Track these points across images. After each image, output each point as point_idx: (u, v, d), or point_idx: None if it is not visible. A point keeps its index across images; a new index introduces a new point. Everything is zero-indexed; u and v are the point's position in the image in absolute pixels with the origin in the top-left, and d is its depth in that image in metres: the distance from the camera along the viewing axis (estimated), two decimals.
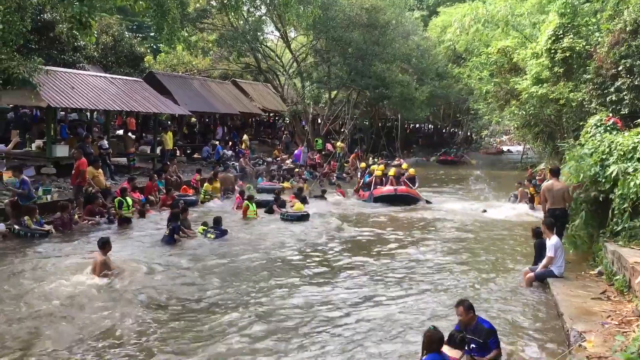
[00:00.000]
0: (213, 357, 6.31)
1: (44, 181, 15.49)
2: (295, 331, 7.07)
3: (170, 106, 21.86)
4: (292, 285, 9.12)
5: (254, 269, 9.98)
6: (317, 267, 10.30)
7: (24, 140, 19.05)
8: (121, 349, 6.41)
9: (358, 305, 8.13)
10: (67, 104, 17.26)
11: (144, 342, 6.61)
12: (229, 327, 7.12)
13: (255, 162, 24.72)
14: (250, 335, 6.93)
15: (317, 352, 6.48)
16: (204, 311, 7.70)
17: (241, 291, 8.68)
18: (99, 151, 17.21)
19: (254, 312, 7.72)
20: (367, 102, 35.07)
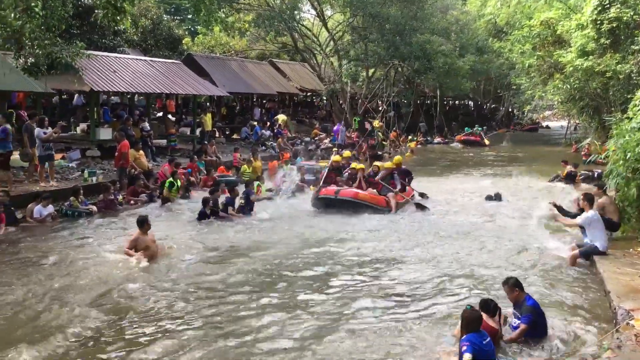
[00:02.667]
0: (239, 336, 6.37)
1: (89, 163, 15.93)
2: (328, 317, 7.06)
3: (208, 88, 22.06)
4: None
5: (286, 250, 10.03)
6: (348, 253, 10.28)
7: (69, 124, 19.58)
8: (151, 328, 6.57)
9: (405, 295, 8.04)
10: (109, 88, 17.60)
11: (174, 325, 6.72)
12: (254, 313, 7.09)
13: (293, 142, 24.77)
14: (268, 314, 6.98)
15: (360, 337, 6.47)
16: (236, 294, 7.73)
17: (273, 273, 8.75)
18: (140, 133, 17.52)
19: (276, 293, 7.75)
20: (405, 79, 34.62)
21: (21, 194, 12.15)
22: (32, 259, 9.02)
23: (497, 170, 22.07)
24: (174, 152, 19.14)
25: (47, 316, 6.76)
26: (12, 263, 8.83)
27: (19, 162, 14.80)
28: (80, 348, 5.98)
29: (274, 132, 25.31)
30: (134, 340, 6.16)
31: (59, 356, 5.82)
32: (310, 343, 6.10)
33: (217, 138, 23.15)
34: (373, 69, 32.99)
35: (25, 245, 9.90)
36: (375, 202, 12.96)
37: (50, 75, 15.49)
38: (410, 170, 14.96)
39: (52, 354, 5.83)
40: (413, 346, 6.08)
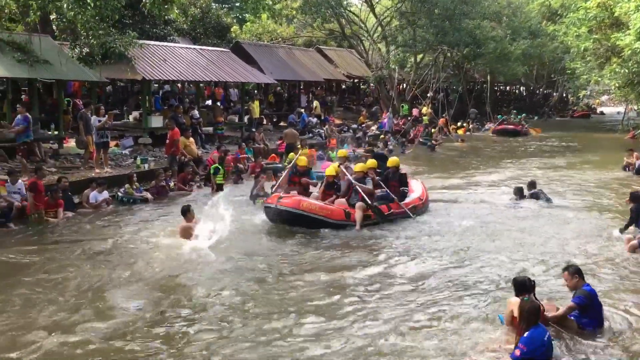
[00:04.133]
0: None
1: (141, 151, 16.35)
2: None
3: (256, 75, 22.23)
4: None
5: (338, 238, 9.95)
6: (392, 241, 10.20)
7: (122, 112, 20.13)
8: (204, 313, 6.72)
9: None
10: (159, 76, 17.98)
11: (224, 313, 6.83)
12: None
13: (340, 129, 24.74)
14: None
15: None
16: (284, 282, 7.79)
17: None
18: (190, 121, 17.84)
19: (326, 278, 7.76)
20: (455, 65, 33.99)
21: (78, 180, 12.58)
22: (89, 243, 9.33)
23: (547, 160, 20.91)
24: (222, 140, 19.42)
25: (103, 299, 7.01)
26: (70, 247, 9.16)
27: (75, 149, 15.36)
28: (133, 329, 6.18)
29: (320, 120, 25.32)
30: (181, 330, 6.23)
31: (119, 334, 6.04)
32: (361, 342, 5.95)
33: (265, 125, 23.34)
34: (421, 55, 32.52)
35: (81, 230, 10.27)
36: (327, 214, 9.88)
37: (104, 64, 15.96)
38: (405, 174, 12.02)
39: (112, 333, 6.06)
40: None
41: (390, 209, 10.65)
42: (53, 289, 7.30)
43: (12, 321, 6.29)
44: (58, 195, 10.84)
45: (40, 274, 7.85)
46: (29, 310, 6.62)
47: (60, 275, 7.82)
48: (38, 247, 9.21)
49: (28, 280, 7.59)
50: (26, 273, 7.93)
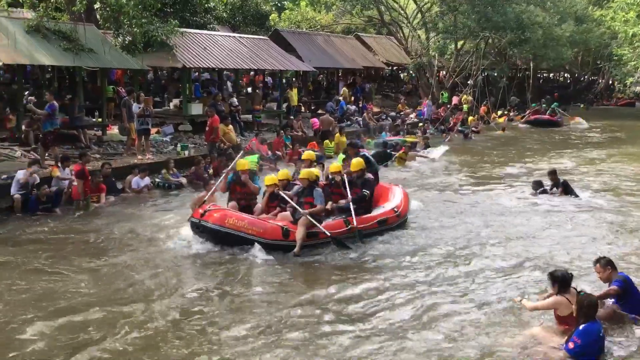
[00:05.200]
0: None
1: (181, 138, 16.60)
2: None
3: (295, 63, 22.25)
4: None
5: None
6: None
7: (163, 100, 20.47)
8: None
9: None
10: (200, 64, 18.17)
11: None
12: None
13: (378, 117, 24.60)
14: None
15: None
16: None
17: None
18: (229, 108, 18.01)
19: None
20: (497, 51, 33.28)
21: (121, 166, 12.87)
22: (130, 226, 9.58)
23: (587, 152, 20.08)
24: (260, 127, 19.55)
25: (145, 280, 7.22)
26: (113, 230, 9.43)
27: (117, 136, 15.70)
28: (173, 311, 6.33)
29: (359, 107, 25.22)
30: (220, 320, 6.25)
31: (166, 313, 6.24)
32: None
33: (303, 113, 23.38)
34: (462, 42, 31.94)
35: (124, 213, 10.54)
36: (258, 232, 8.18)
37: (146, 52, 16.21)
38: (371, 179, 9.67)
39: (156, 314, 6.24)
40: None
41: (348, 223, 8.69)
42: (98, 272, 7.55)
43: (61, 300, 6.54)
44: (99, 180, 11.12)
45: (86, 257, 8.13)
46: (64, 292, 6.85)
47: (108, 258, 8.10)
48: (84, 230, 9.49)
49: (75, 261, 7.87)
50: (74, 253, 8.25)
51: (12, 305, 6.41)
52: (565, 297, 5.54)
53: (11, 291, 6.80)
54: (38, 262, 7.85)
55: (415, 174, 15.14)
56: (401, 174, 14.92)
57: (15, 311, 6.23)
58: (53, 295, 6.72)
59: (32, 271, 7.51)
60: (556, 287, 5.60)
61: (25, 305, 6.38)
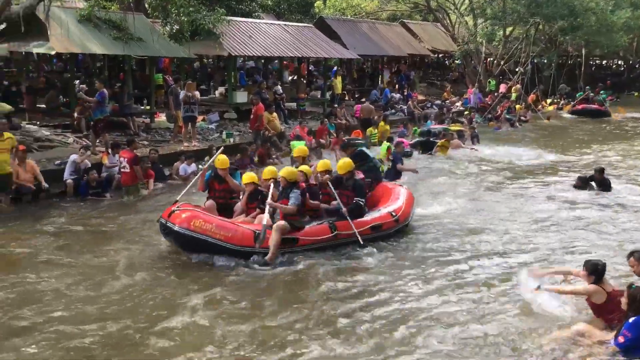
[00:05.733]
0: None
1: (226, 125, 16.80)
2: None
3: (339, 50, 22.14)
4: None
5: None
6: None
7: (209, 88, 20.73)
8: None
9: None
10: (245, 53, 18.30)
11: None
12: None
13: (423, 106, 24.28)
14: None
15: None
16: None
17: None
18: (274, 96, 18.10)
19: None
20: (547, 38, 32.31)
21: (168, 153, 13.13)
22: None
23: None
24: (304, 115, 19.60)
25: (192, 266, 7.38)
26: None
27: (165, 123, 16.00)
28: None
29: (404, 95, 24.95)
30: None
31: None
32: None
33: (347, 101, 23.30)
34: (511, 28, 31.11)
35: (170, 199, 10.69)
36: (226, 237, 7.29)
37: (193, 41, 16.42)
38: (362, 179, 8.85)
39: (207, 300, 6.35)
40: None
41: (334, 229, 7.82)
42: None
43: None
44: (148, 166, 11.36)
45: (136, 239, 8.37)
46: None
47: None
48: (134, 214, 9.75)
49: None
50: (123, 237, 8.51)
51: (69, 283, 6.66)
52: (600, 286, 5.61)
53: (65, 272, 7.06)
54: (84, 244, 8.16)
55: (453, 165, 14.64)
56: (438, 164, 14.60)
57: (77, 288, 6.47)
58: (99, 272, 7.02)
59: (84, 251, 7.81)
60: (593, 277, 5.63)
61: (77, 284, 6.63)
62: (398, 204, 8.74)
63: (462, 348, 5.50)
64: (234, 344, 5.45)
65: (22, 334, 5.47)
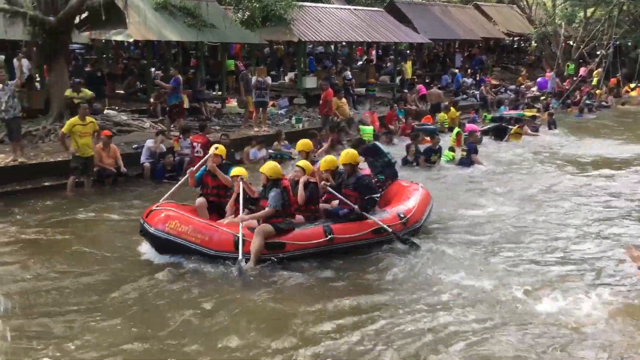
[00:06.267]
0: None
1: (295, 111, 16.91)
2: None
3: (410, 34, 21.77)
4: None
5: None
6: None
7: (278, 74, 20.91)
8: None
9: None
10: (314, 38, 18.30)
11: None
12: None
13: (497, 91, 23.53)
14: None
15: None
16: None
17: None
18: (343, 82, 18.03)
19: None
20: (632, 19, 30.47)
21: (238, 138, 13.36)
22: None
23: None
24: (374, 101, 19.43)
25: None
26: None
27: (235, 108, 16.30)
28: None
29: (476, 80, 24.27)
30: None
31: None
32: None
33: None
34: (592, 9, 29.56)
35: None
36: (202, 240, 6.60)
37: (264, 27, 16.59)
38: (368, 176, 7.89)
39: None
40: None
41: (329, 232, 6.86)
42: None
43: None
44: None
45: None
46: None
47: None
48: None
49: None
50: None
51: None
52: None
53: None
54: None
55: (523, 154, 13.95)
56: (507, 153, 14.05)
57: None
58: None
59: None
60: None
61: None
62: (409, 204, 7.82)
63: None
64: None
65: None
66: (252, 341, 5.14)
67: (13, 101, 10.15)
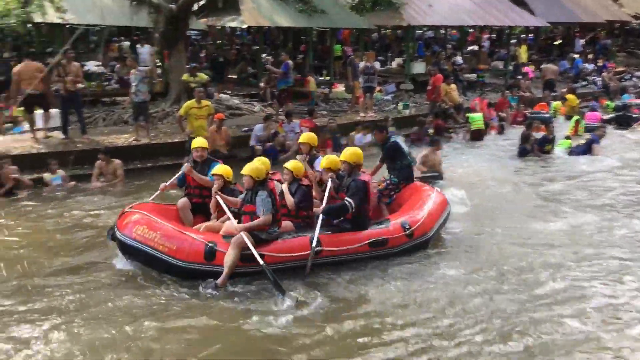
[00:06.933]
0: None
1: (402, 96, 16.71)
2: None
3: (526, 18, 20.72)
4: None
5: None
6: None
7: (386, 59, 20.73)
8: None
9: None
10: (424, 22, 17.95)
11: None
12: None
13: (621, 77, 21.86)
14: None
15: None
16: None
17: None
18: (452, 67, 17.58)
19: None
20: None
21: (345, 122, 13.43)
22: None
23: None
24: (483, 87, 18.78)
25: None
26: None
27: (342, 94, 16.39)
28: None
29: (597, 66, 22.69)
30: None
31: None
32: None
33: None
34: None
35: None
36: (170, 250, 5.74)
37: (373, 12, 16.51)
38: (360, 183, 6.36)
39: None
40: None
41: (318, 244, 5.89)
42: None
43: None
44: (327, 137, 11.71)
45: None
46: None
47: None
48: None
49: None
50: None
51: None
52: None
53: None
54: None
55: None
56: (626, 145, 12.97)
57: None
58: None
59: None
60: None
61: None
62: (418, 213, 6.78)
63: None
64: None
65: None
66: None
67: (143, 86, 10.85)
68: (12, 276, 5.97)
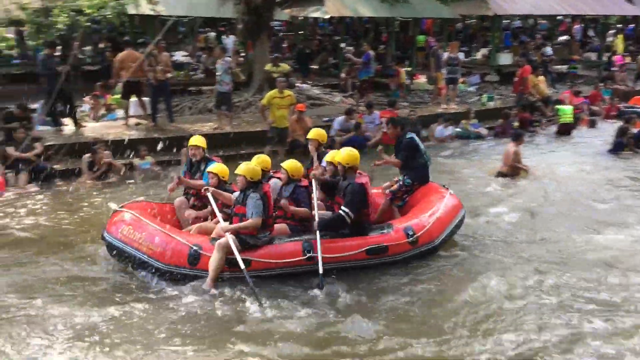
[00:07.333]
0: None
1: (487, 88, 16.23)
2: None
3: (622, 6, 19.55)
4: None
5: None
6: None
7: (470, 49, 20.18)
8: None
9: None
10: (512, 11, 17.33)
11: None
12: None
13: None
14: None
15: None
16: None
17: None
18: (541, 58, 16.90)
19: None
20: None
21: (425, 114, 13.21)
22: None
23: None
24: (574, 79, 17.90)
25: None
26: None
27: (423, 85, 16.11)
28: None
29: None
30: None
31: None
32: None
33: (628, 64, 20.54)
34: None
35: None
36: (152, 252, 5.54)
37: (459, 1, 16.12)
38: (363, 184, 5.85)
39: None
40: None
41: (310, 250, 5.53)
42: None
43: None
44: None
45: None
46: None
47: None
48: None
49: None
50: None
51: None
52: None
53: None
54: None
55: None
56: None
57: None
58: None
59: None
60: None
61: None
62: (425, 218, 6.18)
63: None
64: None
65: None
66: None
67: (226, 76, 11.13)
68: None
